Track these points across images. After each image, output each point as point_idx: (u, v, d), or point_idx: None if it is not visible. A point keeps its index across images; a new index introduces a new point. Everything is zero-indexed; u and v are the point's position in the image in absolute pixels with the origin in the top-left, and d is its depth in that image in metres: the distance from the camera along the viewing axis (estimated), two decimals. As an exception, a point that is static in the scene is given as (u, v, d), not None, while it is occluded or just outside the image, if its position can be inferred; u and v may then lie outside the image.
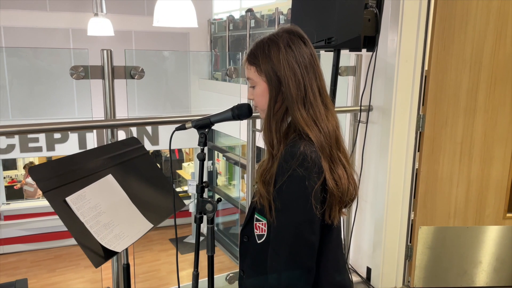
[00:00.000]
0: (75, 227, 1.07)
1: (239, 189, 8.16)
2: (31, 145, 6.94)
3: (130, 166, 1.35)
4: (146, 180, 1.38)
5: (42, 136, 6.95)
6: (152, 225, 1.26)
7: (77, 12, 6.81)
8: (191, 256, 6.94)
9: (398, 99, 2.18)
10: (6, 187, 7.62)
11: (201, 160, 1.16)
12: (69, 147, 7.00)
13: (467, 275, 2.42)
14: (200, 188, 1.17)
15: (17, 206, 7.22)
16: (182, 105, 7.73)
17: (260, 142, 2.37)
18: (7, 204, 7.23)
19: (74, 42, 7.03)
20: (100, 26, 5.67)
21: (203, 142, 1.15)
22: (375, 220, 2.38)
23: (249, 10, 7.56)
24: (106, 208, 1.17)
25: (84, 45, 6.75)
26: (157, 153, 8.99)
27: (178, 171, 9.28)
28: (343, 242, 1.22)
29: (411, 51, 2.14)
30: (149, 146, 7.33)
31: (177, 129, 1.19)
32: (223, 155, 7.97)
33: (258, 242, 1.10)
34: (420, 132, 2.28)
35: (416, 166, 2.34)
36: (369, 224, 2.42)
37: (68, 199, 1.10)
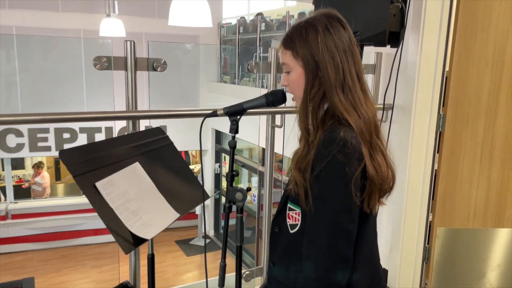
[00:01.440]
0: (105, 213, 1.05)
1: (246, 192, 8.11)
2: (40, 144, 6.97)
3: (156, 155, 1.33)
4: (171, 170, 1.37)
5: (51, 136, 6.99)
6: (178, 215, 1.24)
7: (88, 13, 6.85)
8: (197, 258, 6.92)
9: (419, 98, 2.16)
10: (14, 186, 7.64)
11: (232, 147, 1.14)
12: (78, 147, 7.00)
13: (486, 278, 2.38)
14: (230, 177, 1.15)
15: (25, 205, 7.24)
16: (190, 107, 7.74)
17: (279, 148, 2.35)
18: (15, 203, 7.24)
19: (85, 42, 7.06)
20: (112, 27, 5.69)
21: (234, 129, 1.14)
22: (392, 221, 2.35)
23: (260, 14, 7.58)
24: (134, 195, 1.15)
25: (96, 45, 6.78)
26: (165, 155, 8.98)
27: (185, 174, 9.25)
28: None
29: (432, 50, 2.12)
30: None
31: (208, 116, 1.18)
32: (231, 158, 7.93)
33: (291, 232, 1.07)
34: (440, 132, 2.25)
35: (435, 166, 2.31)
36: (386, 224, 2.39)
37: (98, 184, 1.08)
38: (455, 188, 2.29)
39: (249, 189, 1.19)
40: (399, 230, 2.31)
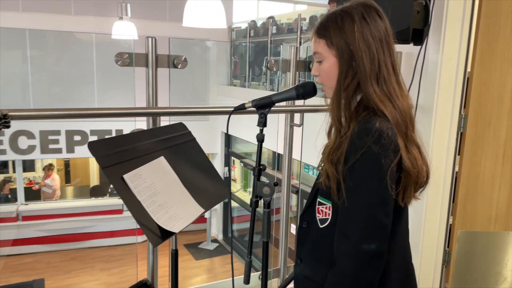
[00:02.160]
0: (133, 205, 1.04)
1: (255, 196, 8.08)
2: (51, 146, 7.01)
3: (179, 150, 1.32)
4: (195, 165, 1.35)
5: (62, 138, 7.03)
6: (203, 210, 1.22)
7: (101, 16, 6.89)
8: (205, 262, 6.89)
9: (440, 98, 2.13)
10: (24, 188, 7.68)
11: (260, 141, 1.12)
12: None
13: (507, 282, 2.32)
14: (258, 171, 1.13)
15: (35, 207, 7.27)
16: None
17: (296, 154, 2.31)
18: (25, 204, 7.27)
19: (97, 45, 7.11)
20: (125, 30, 5.72)
21: (263, 122, 1.11)
22: (412, 223, 2.29)
23: (271, 17, 7.59)
24: (160, 189, 1.13)
25: (108, 48, 6.81)
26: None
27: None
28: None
29: (454, 49, 2.09)
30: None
31: (236, 109, 1.16)
32: (241, 161, 7.93)
33: (321, 226, 1.05)
34: (461, 133, 2.21)
35: (456, 168, 2.27)
36: (406, 227, 2.34)
37: (125, 176, 1.07)
38: (476, 190, 2.24)
39: (276, 183, 1.16)
40: (419, 233, 2.27)
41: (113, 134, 7.18)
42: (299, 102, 2.18)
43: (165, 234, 1.05)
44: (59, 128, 6.93)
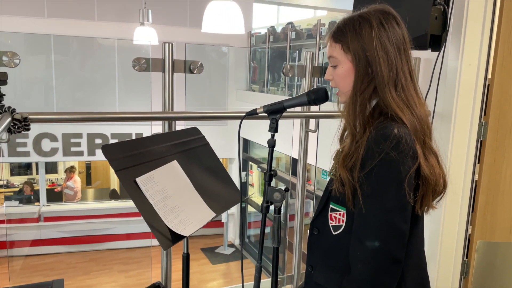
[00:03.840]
0: (145, 208, 1.05)
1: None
2: (73, 149, 7.16)
3: (193, 155, 1.33)
4: (208, 169, 1.36)
5: (84, 141, 7.18)
6: (214, 214, 1.23)
7: (123, 22, 7.03)
8: (222, 266, 6.87)
9: (459, 105, 2.09)
10: (47, 189, 7.86)
11: (272, 146, 1.12)
12: (109, 152, 7.17)
13: (529, 296, 2.25)
14: (269, 176, 1.13)
15: (57, 208, 7.42)
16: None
17: (312, 159, 2.30)
18: (47, 205, 7.43)
19: (119, 50, 7.25)
20: (146, 36, 5.82)
21: (274, 127, 1.11)
22: (430, 232, 2.26)
23: (290, 23, 7.61)
24: (172, 192, 1.15)
25: (129, 53, 6.94)
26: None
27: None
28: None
29: (474, 55, 2.05)
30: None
31: (248, 114, 1.16)
32: (258, 166, 7.93)
33: (334, 233, 1.03)
34: (481, 141, 2.16)
35: (476, 177, 2.22)
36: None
37: (138, 179, 1.09)
38: (496, 200, 2.19)
39: (287, 189, 1.16)
40: (436, 243, 2.22)
41: (133, 138, 7.29)
42: (314, 108, 2.18)
43: (176, 238, 1.06)
44: (81, 131, 7.08)
